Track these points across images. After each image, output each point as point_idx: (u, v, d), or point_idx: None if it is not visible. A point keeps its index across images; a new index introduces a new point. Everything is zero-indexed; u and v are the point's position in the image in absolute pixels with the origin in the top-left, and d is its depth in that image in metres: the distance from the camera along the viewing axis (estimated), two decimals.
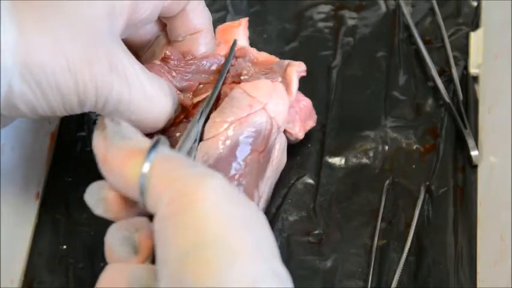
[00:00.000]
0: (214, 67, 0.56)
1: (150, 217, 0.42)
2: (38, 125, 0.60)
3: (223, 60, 0.56)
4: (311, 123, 0.60)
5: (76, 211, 0.59)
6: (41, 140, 0.60)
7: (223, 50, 0.57)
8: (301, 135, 0.58)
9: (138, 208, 0.42)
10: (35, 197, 0.59)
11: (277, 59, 0.58)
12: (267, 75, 0.56)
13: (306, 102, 0.59)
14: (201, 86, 0.56)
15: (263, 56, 0.58)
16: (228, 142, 0.52)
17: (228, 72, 0.56)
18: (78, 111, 0.48)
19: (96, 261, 0.57)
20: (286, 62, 0.57)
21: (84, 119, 0.62)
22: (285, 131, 0.57)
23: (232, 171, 0.52)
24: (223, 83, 0.55)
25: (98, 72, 0.47)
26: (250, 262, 0.37)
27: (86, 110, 0.48)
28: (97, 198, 0.43)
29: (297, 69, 0.56)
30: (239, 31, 0.59)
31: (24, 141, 0.57)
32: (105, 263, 0.56)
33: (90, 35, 0.47)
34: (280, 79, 0.56)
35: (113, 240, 0.42)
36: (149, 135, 0.50)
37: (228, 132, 0.52)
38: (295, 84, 0.56)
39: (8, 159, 0.55)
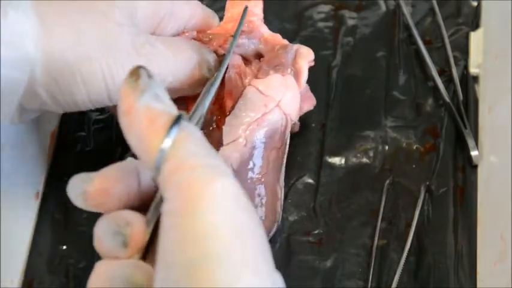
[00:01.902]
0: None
1: (139, 210, 0.42)
2: (38, 125, 0.60)
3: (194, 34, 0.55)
4: (308, 106, 0.58)
5: (76, 211, 0.58)
6: (41, 140, 0.60)
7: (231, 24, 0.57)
8: (295, 118, 0.56)
9: (121, 201, 0.42)
10: (35, 197, 0.59)
11: (285, 42, 0.57)
12: (276, 67, 0.55)
13: (302, 86, 0.57)
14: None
15: (271, 36, 0.57)
16: (248, 145, 0.52)
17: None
18: (106, 101, 0.49)
19: (96, 261, 0.57)
20: (295, 47, 0.56)
21: (84, 119, 0.62)
22: None
23: (256, 173, 0.52)
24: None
25: (122, 56, 0.48)
26: (255, 277, 0.37)
27: (115, 99, 0.48)
28: (79, 191, 0.42)
29: (308, 59, 0.56)
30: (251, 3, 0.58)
31: (24, 141, 0.57)
32: None
33: (110, 25, 0.48)
34: (289, 70, 0.55)
35: (103, 234, 0.42)
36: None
37: (246, 135, 0.52)
38: (305, 75, 0.55)
39: (8, 159, 0.55)
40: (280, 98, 0.53)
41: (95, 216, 0.44)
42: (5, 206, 0.54)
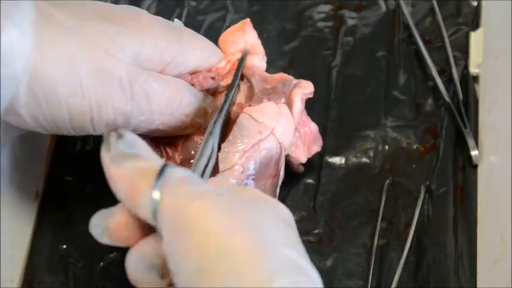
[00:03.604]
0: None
1: None
2: None
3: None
4: (316, 148, 0.59)
5: (76, 211, 0.59)
6: (41, 140, 0.60)
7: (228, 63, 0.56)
8: (303, 159, 0.57)
9: (144, 229, 0.43)
10: (34, 197, 0.59)
11: (288, 77, 0.57)
12: (269, 96, 0.55)
13: (311, 127, 0.58)
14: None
15: (273, 76, 0.57)
16: (243, 171, 0.52)
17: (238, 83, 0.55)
18: (90, 131, 0.49)
19: (96, 261, 0.57)
20: (295, 81, 0.56)
21: None
22: (287, 155, 0.57)
23: None
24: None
25: (114, 94, 0.48)
26: (257, 261, 0.38)
27: (100, 130, 0.49)
28: (101, 228, 0.44)
29: (303, 91, 0.55)
30: (244, 36, 0.57)
31: (24, 141, 0.57)
32: (105, 263, 0.57)
33: (108, 60, 0.48)
34: (283, 100, 0.55)
35: (137, 269, 0.43)
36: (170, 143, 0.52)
37: (242, 161, 0.52)
38: (297, 106, 0.54)
39: (8, 159, 0.55)
40: (273, 125, 0.53)
41: None
42: (5, 206, 0.54)
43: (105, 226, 0.44)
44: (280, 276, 0.38)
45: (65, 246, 0.58)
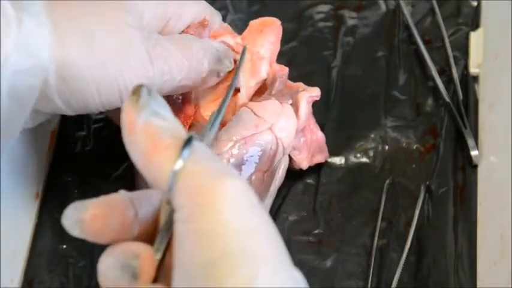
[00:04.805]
0: None
1: (141, 239, 0.41)
2: (37, 125, 0.60)
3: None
4: (320, 158, 0.59)
5: None
6: (41, 140, 0.60)
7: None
8: (304, 166, 0.58)
9: (120, 227, 0.41)
10: (34, 197, 0.59)
11: (301, 85, 0.57)
12: (277, 95, 0.56)
13: (318, 136, 0.58)
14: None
15: (292, 84, 0.57)
16: (232, 160, 0.52)
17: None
18: (119, 104, 0.49)
19: (96, 261, 0.56)
20: (303, 86, 0.57)
21: (84, 118, 0.62)
22: (290, 158, 0.57)
23: None
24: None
25: (134, 63, 0.48)
26: (274, 272, 0.37)
27: None
28: (74, 220, 0.42)
29: (309, 94, 0.56)
30: (270, 36, 0.57)
31: (24, 141, 0.57)
32: None
33: (123, 30, 0.49)
34: (290, 101, 0.55)
35: (109, 268, 0.41)
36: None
37: (232, 150, 0.52)
38: (303, 108, 0.55)
39: (8, 159, 0.55)
40: (273, 121, 0.54)
41: None
42: (5, 206, 0.54)
43: (80, 218, 0.41)
44: None
45: (65, 246, 0.58)
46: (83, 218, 0.41)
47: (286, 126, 0.54)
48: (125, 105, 0.40)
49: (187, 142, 0.39)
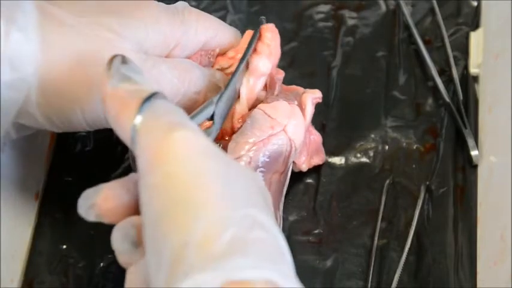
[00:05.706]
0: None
1: None
2: None
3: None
4: (317, 160, 0.59)
5: (76, 211, 0.58)
6: (41, 140, 0.60)
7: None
8: (304, 168, 0.58)
9: (130, 210, 0.43)
10: (34, 197, 0.59)
11: (301, 89, 0.57)
12: (283, 96, 0.56)
13: (315, 137, 0.58)
14: None
15: (288, 88, 0.58)
16: (251, 163, 0.52)
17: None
18: (104, 125, 0.49)
19: (96, 261, 0.57)
20: (303, 90, 0.57)
21: None
22: None
23: None
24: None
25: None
26: (215, 211, 0.37)
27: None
28: (87, 206, 0.43)
29: (312, 95, 0.56)
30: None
31: (24, 141, 0.57)
32: (105, 263, 0.57)
33: (114, 50, 0.47)
34: (296, 102, 0.55)
35: (114, 240, 0.43)
36: None
37: (250, 153, 0.52)
38: (309, 108, 0.55)
39: (8, 159, 0.55)
40: (286, 123, 0.54)
41: None
42: (5, 206, 0.54)
43: (93, 202, 0.43)
44: (233, 229, 0.37)
45: (65, 246, 0.58)
46: (95, 202, 0.43)
47: (297, 127, 0.54)
48: (101, 76, 0.43)
49: (148, 99, 0.41)
